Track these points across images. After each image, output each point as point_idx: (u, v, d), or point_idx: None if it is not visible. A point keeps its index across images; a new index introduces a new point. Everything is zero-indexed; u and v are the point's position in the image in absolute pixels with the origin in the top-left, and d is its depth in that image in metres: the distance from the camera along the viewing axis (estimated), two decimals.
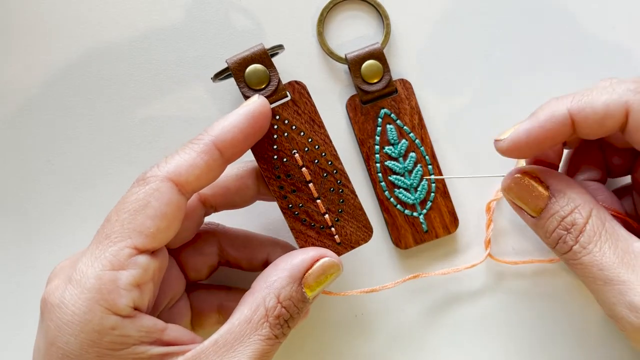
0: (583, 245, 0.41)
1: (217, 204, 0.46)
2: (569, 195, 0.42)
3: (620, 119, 0.40)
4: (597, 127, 0.41)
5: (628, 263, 0.40)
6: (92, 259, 0.39)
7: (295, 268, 0.42)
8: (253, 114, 0.42)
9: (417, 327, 0.54)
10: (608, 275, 0.40)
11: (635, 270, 0.39)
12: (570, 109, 0.41)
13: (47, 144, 0.53)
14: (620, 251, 0.40)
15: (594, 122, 0.41)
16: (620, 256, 0.40)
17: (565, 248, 0.42)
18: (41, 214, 0.53)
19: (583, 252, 0.41)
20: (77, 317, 0.38)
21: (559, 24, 0.54)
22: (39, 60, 0.53)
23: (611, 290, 0.40)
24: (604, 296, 0.41)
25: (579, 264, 0.41)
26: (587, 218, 0.41)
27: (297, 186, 0.45)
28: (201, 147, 0.41)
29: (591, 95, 0.41)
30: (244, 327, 0.40)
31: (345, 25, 0.54)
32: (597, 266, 0.40)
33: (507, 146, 0.43)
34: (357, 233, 0.46)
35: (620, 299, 0.40)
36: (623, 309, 0.40)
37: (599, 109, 0.41)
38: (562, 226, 0.42)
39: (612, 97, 0.40)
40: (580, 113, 0.41)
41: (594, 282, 0.41)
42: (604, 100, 0.41)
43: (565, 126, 0.41)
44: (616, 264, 0.40)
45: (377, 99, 0.53)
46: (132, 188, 0.40)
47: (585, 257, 0.41)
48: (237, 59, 0.44)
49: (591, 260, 0.41)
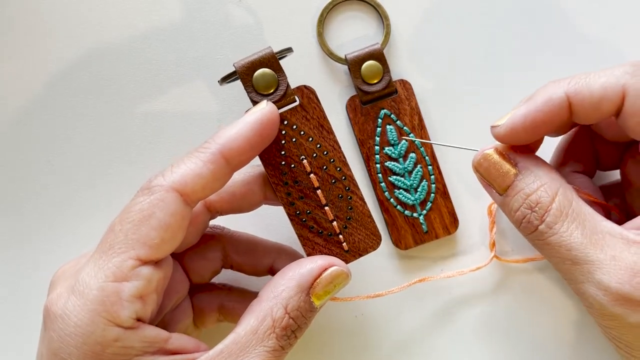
0: (549, 225, 0.39)
1: (222, 209, 0.45)
2: (536, 173, 0.41)
3: (617, 102, 0.39)
4: (594, 111, 0.40)
5: (596, 242, 0.38)
6: (96, 270, 0.38)
7: (303, 277, 0.41)
8: (261, 122, 0.40)
9: (418, 327, 0.53)
10: (576, 255, 0.39)
11: (603, 249, 0.38)
12: (567, 92, 0.40)
13: (47, 144, 0.52)
14: (588, 231, 0.39)
15: (590, 105, 0.40)
16: (588, 236, 0.39)
17: (530, 228, 0.40)
18: (41, 214, 0.52)
19: (549, 233, 0.39)
20: (79, 329, 0.37)
21: (558, 23, 0.54)
22: (39, 60, 0.52)
23: (579, 269, 0.39)
24: (573, 275, 0.39)
25: (546, 244, 0.40)
26: (553, 196, 0.40)
27: (305, 193, 0.43)
28: (208, 156, 0.39)
29: (589, 78, 0.40)
30: (249, 338, 0.39)
31: (345, 25, 0.53)
32: (564, 246, 0.39)
33: (504, 132, 0.41)
34: (365, 241, 0.44)
35: (588, 278, 0.38)
36: (591, 287, 0.38)
37: (596, 92, 0.39)
38: (526, 204, 0.40)
39: (610, 79, 0.39)
40: (577, 95, 0.40)
41: (562, 262, 0.40)
42: (602, 83, 0.39)
43: (563, 109, 0.40)
44: (584, 243, 0.38)
45: (377, 99, 0.52)
46: (136, 197, 0.39)
47: (552, 237, 0.39)
48: (245, 63, 0.42)
49: (558, 240, 0.39)
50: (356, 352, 0.53)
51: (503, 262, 0.52)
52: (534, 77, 0.53)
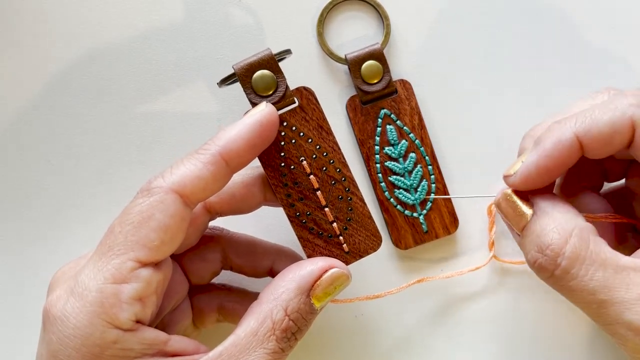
0: (566, 269, 0.37)
1: (222, 210, 0.44)
2: (551, 214, 0.39)
3: (628, 135, 0.38)
4: (605, 147, 0.39)
5: (621, 282, 0.37)
6: (95, 271, 0.37)
7: (303, 279, 0.40)
8: (260, 123, 0.40)
9: (418, 327, 0.52)
10: (601, 298, 0.37)
11: (629, 289, 0.36)
12: (576, 132, 0.39)
13: (47, 144, 0.52)
14: (611, 270, 0.37)
15: (601, 141, 0.39)
16: (611, 276, 0.37)
17: (544, 273, 0.39)
18: (41, 215, 0.52)
19: (568, 278, 0.37)
20: (78, 331, 0.36)
21: (558, 23, 0.53)
22: (39, 60, 0.51)
23: (606, 312, 0.37)
24: (600, 318, 0.38)
25: (568, 290, 0.38)
26: (566, 238, 0.38)
27: (304, 194, 0.43)
28: (207, 157, 0.38)
29: (594, 115, 0.39)
30: (249, 340, 0.38)
31: (345, 25, 0.53)
32: (587, 291, 0.37)
33: (519, 181, 0.40)
34: (365, 242, 0.44)
35: (617, 320, 0.37)
36: (622, 329, 0.37)
37: (604, 129, 0.38)
38: (537, 247, 0.39)
39: (616, 114, 0.38)
40: (586, 135, 0.39)
41: (588, 306, 0.38)
42: (609, 119, 0.38)
43: (574, 151, 0.39)
44: (608, 285, 0.37)
45: (377, 99, 0.51)
46: (136, 199, 0.38)
47: (572, 282, 0.37)
48: (244, 65, 0.42)
49: (579, 285, 0.37)
50: (356, 352, 0.52)
51: (501, 262, 0.52)
52: (534, 77, 0.53)
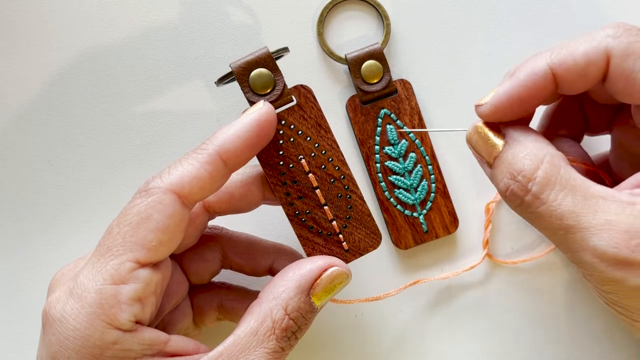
0: (536, 195, 0.36)
1: (221, 209, 0.43)
2: (523, 143, 0.38)
3: (602, 66, 0.37)
4: (580, 79, 0.38)
5: (589, 208, 0.35)
6: (94, 273, 0.37)
7: (303, 278, 0.39)
8: (258, 122, 0.39)
9: (417, 326, 0.52)
10: (569, 223, 0.36)
11: (596, 214, 0.35)
12: (550, 63, 0.37)
13: (48, 145, 0.51)
14: (580, 197, 0.36)
15: (576, 73, 0.37)
16: (579, 202, 0.36)
17: (515, 199, 0.37)
18: (41, 215, 0.51)
19: (537, 203, 0.36)
20: (78, 332, 0.36)
21: (558, 24, 0.52)
22: (39, 60, 0.51)
23: (573, 238, 0.36)
24: (567, 245, 0.36)
25: (536, 216, 0.37)
26: (537, 164, 0.37)
27: (303, 193, 0.42)
28: (205, 157, 0.38)
29: (570, 46, 0.37)
30: (250, 339, 0.38)
31: (345, 25, 0.52)
32: (555, 216, 0.36)
33: (488, 110, 0.39)
34: (365, 240, 0.43)
35: (583, 245, 0.35)
36: (587, 255, 0.35)
37: (579, 59, 0.37)
38: (509, 174, 0.37)
39: (592, 44, 0.37)
40: (561, 66, 0.37)
41: (555, 232, 0.37)
42: (584, 49, 0.37)
43: (547, 82, 0.38)
44: (576, 211, 0.35)
45: (377, 99, 0.51)
46: (134, 199, 0.38)
47: (541, 207, 0.36)
48: (241, 63, 0.41)
49: (548, 210, 0.36)
50: (356, 351, 0.52)
51: (494, 261, 0.52)
52: None
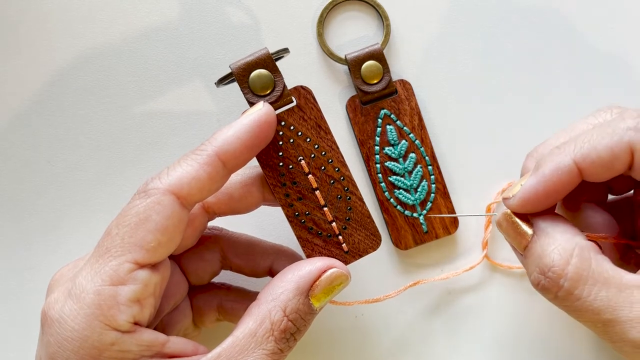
0: (569, 291, 0.36)
1: (220, 210, 0.43)
2: (551, 235, 0.38)
3: (627, 160, 0.37)
4: (605, 171, 0.38)
5: (625, 300, 0.35)
6: (92, 274, 0.36)
7: (302, 280, 0.39)
8: (258, 123, 0.38)
9: (418, 326, 0.51)
10: (606, 317, 0.36)
11: (633, 307, 0.35)
12: (575, 159, 0.37)
13: (48, 145, 0.51)
14: (614, 289, 0.36)
15: (600, 167, 0.37)
16: (614, 295, 0.36)
17: (547, 294, 0.38)
18: (41, 215, 0.51)
19: (571, 299, 0.36)
20: (76, 333, 0.35)
21: (558, 24, 0.52)
22: (40, 60, 0.51)
23: (613, 330, 0.36)
24: (607, 336, 0.37)
25: (572, 310, 0.37)
26: (567, 259, 0.36)
27: (303, 194, 0.41)
28: (204, 158, 0.37)
29: (592, 139, 0.37)
30: (248, 341, 0.37)
31: (345, 25, 0.52)
32: (591, 311, 0.36)
33: (517, 204, 0.39)
34: (365, 241, 0.42)
35: (623, 338, 0.36)
36: (628, 347, 0.36)
37: (603, 154, 0.37)
38: (539, 269, 0.37)
39: (614, 139, 0.37)
40: (585, 161, 0.37)
41: (594, 325, 0.37)
42: (607, 144, 0.37)
43: (573, 176, 0.38)
44: (612, 305, 0.36)
45: (377, 99, 0.50)
46: (132, 200, 0.37)
47: (576, 303, 0.36)
48: (241, 64, 0.40)
49: (584, 305, 0.36)
50: (356, 352, 0.51)
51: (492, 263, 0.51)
52: (534, 77, 0.52)
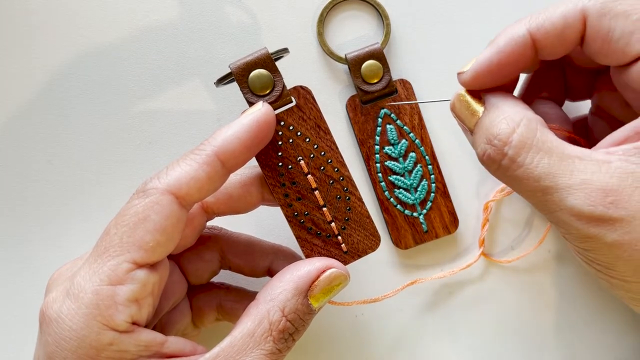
0: (512, 158, 0.36)
1: (219, 210, 0.43)
2: (501, 108, 0.37)
3: (579, 28, 0.37)
4: (558, 43, 0.37)
5: (565, 168, 0.35)
6: (91, 273, 0.36)
7: (300, 280, 0.39)
8: (257, 123, 0.38)
9: (417, 325, 0.51)
10: (546, 184, 0.35)
11: (573, 174, 0.35)
12: (529, 29, 0.37)
13: (48, 145, 0.50)
14: (556, 158, 0.35)
15: (554, 37, 0.37)
16: (556, 163, 0.35)
17: (493, 164, 0.37)
18: (41, 215, 0.51)
19: (514, 166, 0.36)
20: (74, 333, 0.35)
21: None
22: (39, 60, 0.50)
23: (551, 198, 0.35)
24: (545, 206, 0.36)
25: (514, 179, 0.37)
26: (514, 128, 0.36)
27: (302, 194, 0.41)
28: (203, 158, 0.37)
29: (548, 11, 0.37)
30: (246, 341, 0.37)
31: (345, 25, 0.51)
32: (532, 178, 0.36)
33: (469, 77, 0.39)
34: (364, 242, 0.42)
35: (560, 206, 0.35)
36: (565, 215, 0.35)
37: (557, 22, 0.37)
38: (486, 139, 0.37)
39: (568, 6, 0.37)
40: (539, 30, 0.37)
41: (533, 194, 0.36)
42: (561, 12, 0.37)
43: (527, 48, 0.38)
44: (552, 172, 0.35)
45: (377, 99, 0.50)
46: (131, 200, 0.37)
47: (518, 170, 0.36)
48: (241, 64, 0.40)
49: (525, 173, 0.36)
50: (356, 351, 0.51)
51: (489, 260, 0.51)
52: None
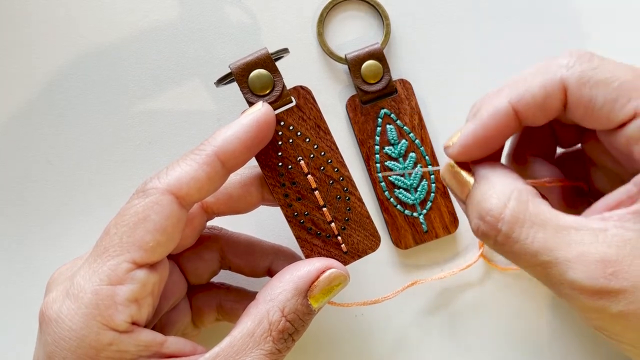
0: (507, 234, 0.35)
1: (219, 210, 0.43)
2: (490, 180, 0.37)
3: (560, 97, 0.36)
4: (540, 113, 0.37)
5: (561, 241, 0.34)
6: (90, 273, 0.36)
7: (300, 280, 0.39)
8: (257, 123, 0.38)
9: (417, 326, 0.51)
10: (544, 259, 0.34)
11: (570, 247, 0.34)
12: (510, 101, 0.37)
13: (48, 145, 0.50)
14: (551, 231, 0.35)
15: (535, 108, 0.36)
16: (552, 237, 0.34)
17: (487, 239, 0.36)
18: (41, 215, 0.51)
19: (509, 242, 0.35)
20: (74, 333, 0.35)
21: (559, 24, 0.52)
22: (39, 60, 0.50)
23: (550, 272, 0.35)
24: (546, 279, 0.36)
25: (511, 254, 0.36)
26: (505, 202, 0.35)
27: (302, 194, 0.41)
28: (203, 158, 0.37)
29: (527, 81, 0.37)
30: (246, 341, 0.37)
31: (345, 25, 0.51)
32: (530, 254, 0.35)
33: (457, 152, 0.38)
34: (364, 242, 0.42)
35: (561, 280, 0.34)
36: (566, 288, 0.34)
37: (537, 94, 0.36)
38: (478, 214, 0.36)
39: (546, 77, 0.36)
40: (520, 102, 0.36)
41: (533, 269, 0.36)
42: (540, 83, 0.36)
43: (510, 119, 0.37)
44: (549, 246, 0.34)
45: (377, 99, 0.50)
46: (131, 200, 0.37)
47: (514, 246, 0.35)
48: (241, 64, 0.40)
49: (522, 248, 0.35)
50: (356, 351, 0.51)
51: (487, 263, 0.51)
52: None
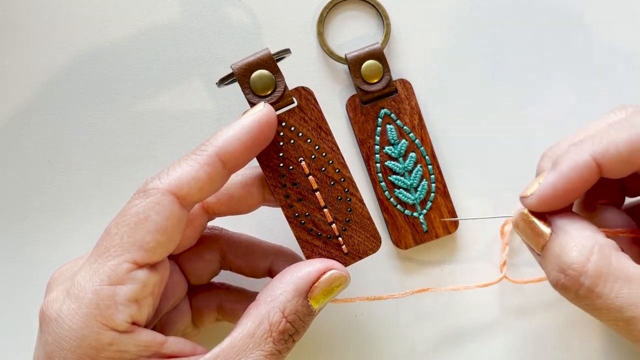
0: (590, 288, 0.35)
1: (220, 210, 0.43)
2: (569, 233, 0.37)
3: None
4: (625, 166, 0.37)
5: None
6: (91, 273, 0.36)
7: (301, 281, 0.39)
8: (258, 124, 0.38)
9: (417, 326, 0.51)
10: (629, 315, 0.34)
11: None
12: (593, 154, 0.37)
13: (48, 145, 0.50)
14: (636, 285, 0.35)
15: (620, 162, 0.36)
16: (636, 292, 0.35)
17: (568, 293, 0.36)
18: (41, 215, 0.51)
19: (592, 296, 0.35)
20: (74, 333, 0.35)
21: (559, 23, 0.52)
22: (39, 60, 0.50)
23: (635, 328, 0.35)
24: (630, 334, 0.36)
25: (593, 308, 0.36)
26: (587, 256, 0.35)
27: (303, 195, 0.41)
28: (204, 158, 0.37)
29: (610, 135, 0.37)
30: (246, 342, 0.37)
31: (345, 25, 0.51)
32: (614, 309, 0.35)
33: (535, 202, 0.38)
34: (365, 243, 0.42)
35: None
36: None
37: (622, 149, 0.36)
38: (558, 267, 0.36)
39: (632, 132, 0.36)
40: (604, 156, 0.36)
41: (616, 324, 0.36)
42: (626, 139, 0.36)
43: (592, 173, 0.37)
44: (635, 302, 0.34)
45: (377, 99, 0.50)
46: (132, 200, 0.37)
47: (597, 301, 0.35)
48: (242, 65, 0.40)
49: (605, 303, 0.35)
50: (356, 351, 0.51)
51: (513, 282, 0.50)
52: (534, 77, 0.52)
